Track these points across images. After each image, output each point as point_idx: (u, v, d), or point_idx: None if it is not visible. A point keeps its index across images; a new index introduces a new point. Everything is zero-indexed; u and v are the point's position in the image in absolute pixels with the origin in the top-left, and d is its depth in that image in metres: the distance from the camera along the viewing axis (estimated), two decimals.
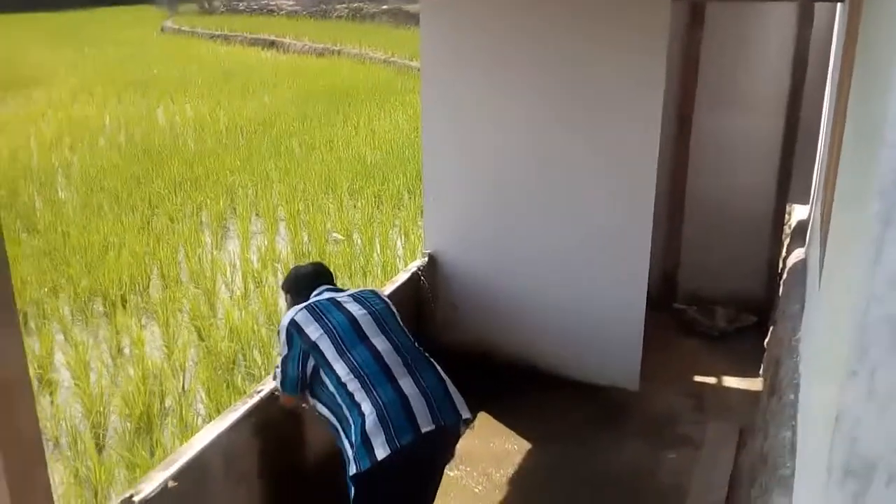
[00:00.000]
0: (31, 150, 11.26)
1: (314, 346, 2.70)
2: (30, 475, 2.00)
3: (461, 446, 3.87)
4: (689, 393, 4.48)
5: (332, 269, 3.25)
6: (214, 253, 7.57)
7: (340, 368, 2.64)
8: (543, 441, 4.02)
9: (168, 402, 5.01)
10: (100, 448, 4.57)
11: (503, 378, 4.43)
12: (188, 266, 7.18)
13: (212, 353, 5.47)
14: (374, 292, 3.01)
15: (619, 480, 3.71)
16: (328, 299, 2.87)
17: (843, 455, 1.32)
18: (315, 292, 2.98)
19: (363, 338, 2.72)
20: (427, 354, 2.80)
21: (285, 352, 2.80)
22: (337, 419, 2.65)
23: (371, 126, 12.75)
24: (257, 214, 8.80)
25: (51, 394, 5.09)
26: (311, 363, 2.73)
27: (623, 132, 4.08)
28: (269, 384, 3.19)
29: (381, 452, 2.46)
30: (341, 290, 3.01)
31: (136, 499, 2.42)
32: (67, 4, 37.72)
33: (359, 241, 7.78)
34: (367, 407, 2.53)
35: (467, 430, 2.86)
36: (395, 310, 2.92)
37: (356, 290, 3.00)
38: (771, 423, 3.12)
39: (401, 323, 2.87)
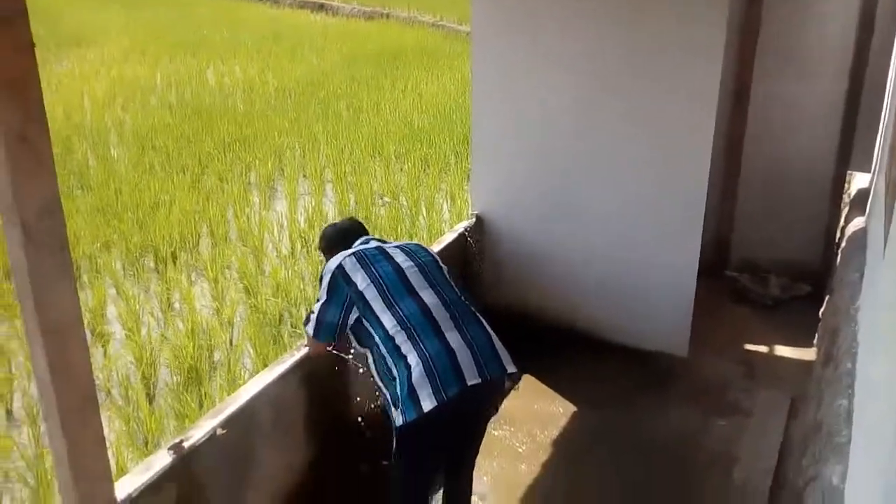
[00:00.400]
0: (84, 109, 11.42)
1: (360, 296, 2.67)
2: (83, 414, 2.03)
3: (505, 406, 3.89)
4: (739, 361, 4.39)
5: (378, 233, 3.23)
6: (262, 213, 7.62)
7: (388, 320, 2.61)
8: (589, 405, 3.98)
9: (216, 356, 5.09)
10: (150, 399, 4.67)
11: (549, 340, 4.38)
12: (237, 225, 7.25)
13: (259, 310, 5.53)
14: (420, 246, 2.98)
15: (666, 447, 3.66)
16: (376, 248, 2.84)
17: None
18: (360, 240, 2.95)
19: (410, 290, 2.68)
20: (474, 309, 2.76)
21: (324, 298, 2.75)
22: (383, 371, 2.64)
23: (418, 90, 12.66)
24: (304, 176, 8.84)
25: (103, 345, 5.20)
26: (354, 313, 2.70)
27: (678, 97, 3.96)
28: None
29: (427, 404, 2.44)
30: (386, 241, 2.98)
31: (185, 444, 2.45)
32: None
33: (405, 203, 7.76)
34: (413, 359, 2.52)
35: (512, 389, 2.84)
36: (442, 264, 2.89)
37: (403, 243, 2.97)
38: (826, 392, 3.04)
39: (448, 277, 2.83)
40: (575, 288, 4.46)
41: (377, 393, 2.71)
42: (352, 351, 2.91)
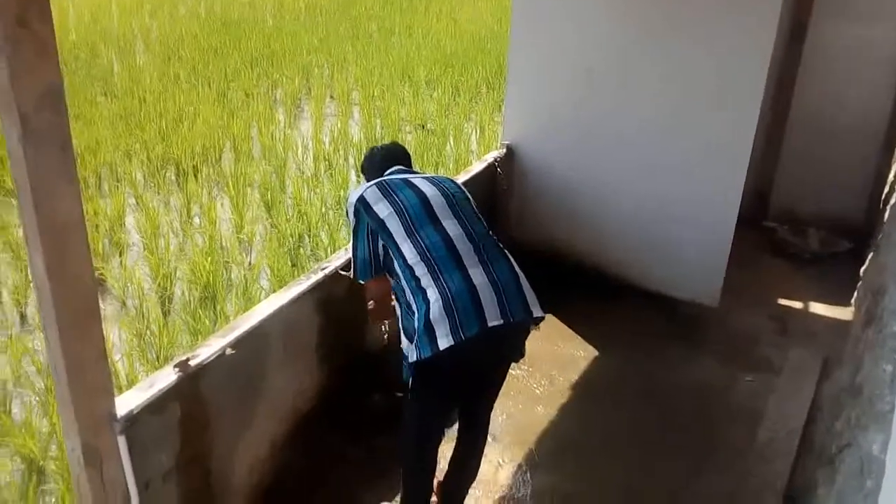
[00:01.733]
0: (111, 14, 11.20)
1: (382, 225, 2.51)
2: (83, 324, 1.91)
3: (527, 350, 3.76)
4: (772, 315, 4.22)
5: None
6: (287, 131, 7.45)
7: (408, 250, 2.44)
8: (611, 349, 3.85)
9: (233, 274, 4.99)
10: (165, 313, 4.60)
11: (574, 281, 4.23)
12: (261, 142, 7.09)
13: (279, 231, 5.41)
14: (450, 179, 2.79)
15: (689, 396, 3.53)
16: (400, 178, 2.67)
17: None
18: (388, 171, 2.78)
19: (434, 219, 2.50)
20: (501, 245, 2.58)
21: (353, 233, 2.62)
22: (401, 302, 2.50)
23: (453, 14, 12.28)
24: (331, 97, 8.62)
25: (120, 254, 5.12)
26: (381, 243, 2.55)
27: (732, 33, 3.69)
28: (334, 261, 3.08)
29: (443, 342, 2.29)
30: (416, 172, 2.80)
31: (192, 362, 2.34)
32: None
33: (431, 129, 7.54)
34: (432, 293, 2.35)
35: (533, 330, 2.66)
36: (470, 197, 2.70)
37: (432, 175, 2.79)
38: (867, 355, 2.87)
39: (476, 210, 2.65)
40: (605, 229, 4.28)
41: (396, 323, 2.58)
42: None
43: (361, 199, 2.58)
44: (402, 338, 2.52)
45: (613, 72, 4.06)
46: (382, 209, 2.53)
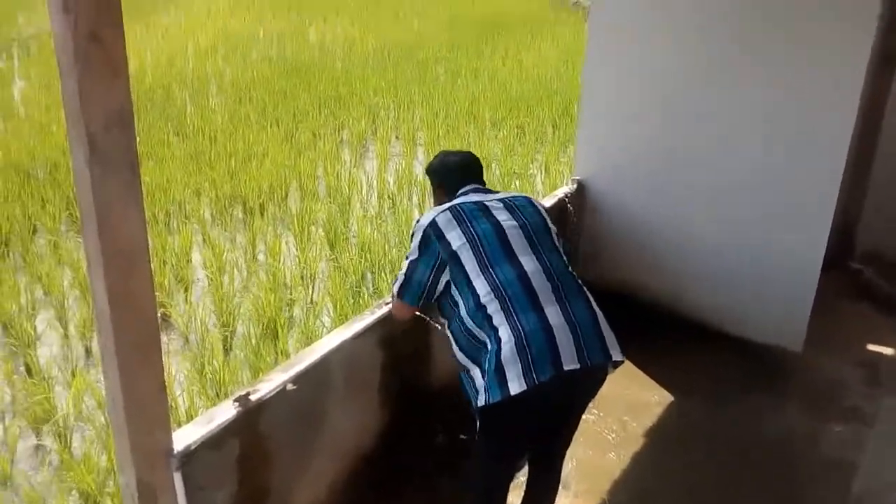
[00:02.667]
0: (187, 58, 11.55)
1: (453, 256, 2.36)
2: (143, 353, 1.85)
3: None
4: (860, 362, 3.95)
5: None
6: (352, 171, 7.47)
7: (481, 286, 2.29)
8: (687, 395, 3.64)
9: (296, 311, 4.96)
10: (227, 349, 4.58)
11: (646, 323, 4.03)
12: (326, 181, 7.12)
13: (341, 268, 5.37)
14: (528, 199, 2.60)
15: (773, 447, 3.30)
16: (475, 203, 2.50)
17: None
18: (461, 191, 2.64)
19: (510, 254, 2.34)
20: (580, 281, 2.42)
21: (415, 255, 2.47)
22: (467, 344, 2.34)
23: (519, 57, 12.29)
24: (397, 137, 8.65)
25: (185, 290, 5.14)
26: (444, 276, 2.40)
27: (819, 69, 3.51)
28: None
29: (514, 386, 2.13)
30: (491, 192, 2.66)
31: (252, 397, 2.26)
32: None
33: (497, 171, 7.47)
34: (504, 333, 2.20)
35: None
36: (550, 223, 2.53)
37: (508, 194, 2.60)
38: None
39: (555, 240, 2.49)
40: (682, 269, 4.10)
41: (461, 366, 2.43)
42: (439, 322, 2.64)
43: (433, 225, 2.44)
44: (464, 379, 2.39)
45: (691, 108, 3.92)
46: (455, 239, 2.38)
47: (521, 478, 2.69)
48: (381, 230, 6.03)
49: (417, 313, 2.68)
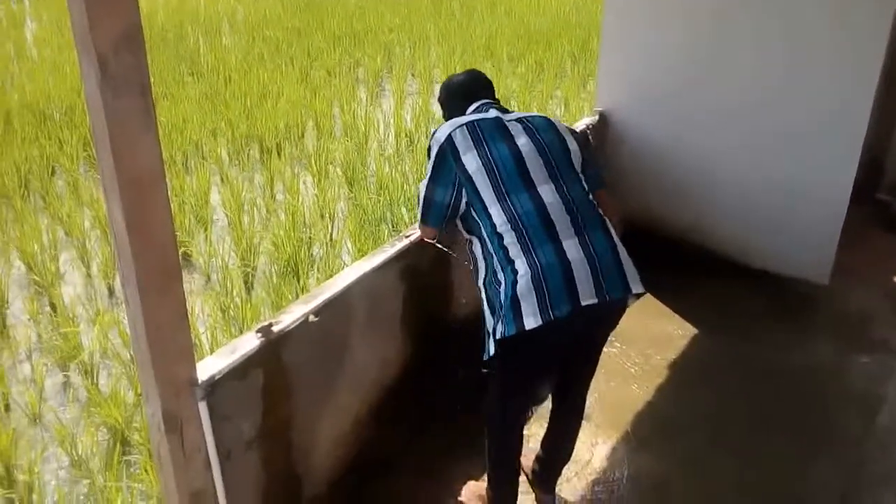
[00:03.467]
0: None
1: (469, 180, 2.27)
2: (163, 281, 1.82)
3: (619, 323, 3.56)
4: (888, 294, 3.89)
5: None
6: (369, 109, 7.38)
7: (497, 215, 2.22)
8: (712, 329, 3.61)
9: (315, 249, 4.94)
10: (248, 287, 4.58)
11: (671, 256, 3.97)
12: (342, 120, 7.04)
13: (360, 207, 5.34)
14: (548, 121, 2.42)
15: (798, 380, 3.27)
16: (494, 119, 2.37)
17: None
18: (478, 103, 2.51)
19: (529, 184, 2.24)
20: (601, 211, 2.31)
21: (431, 174, 2.36)
22: (489, 270, 2.27)
23: None
24: (413, 75, 8.52)
25: (205, 230, 5.13)
26: (464, 197, 2.30)
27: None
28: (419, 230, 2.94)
29: (530, 321, 2.07)
30: (507, 111, 2.49)
31: (274, 328, 2.25)
32: None
33: (515, 108, 7.34)
34: (521, 265, 2.13)
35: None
36: (571, 145, 2.38)
37: (527, 114, 2.43)
38: None
39: (576, 166, 2.34)
40: (706, 201, 4.02)
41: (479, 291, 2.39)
42: (459, 253, 2.58)
43: (450, 141, 2.32)
44: (485, 308, 2.32)
45: (715, 33, 3.79)
46: (471, 161, 2.28)
47: (546, 408, 2.69)
48: (398, 168, 5.97)
49: (436, 244, 2.64)
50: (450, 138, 2.33)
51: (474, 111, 2.49)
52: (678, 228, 4.12)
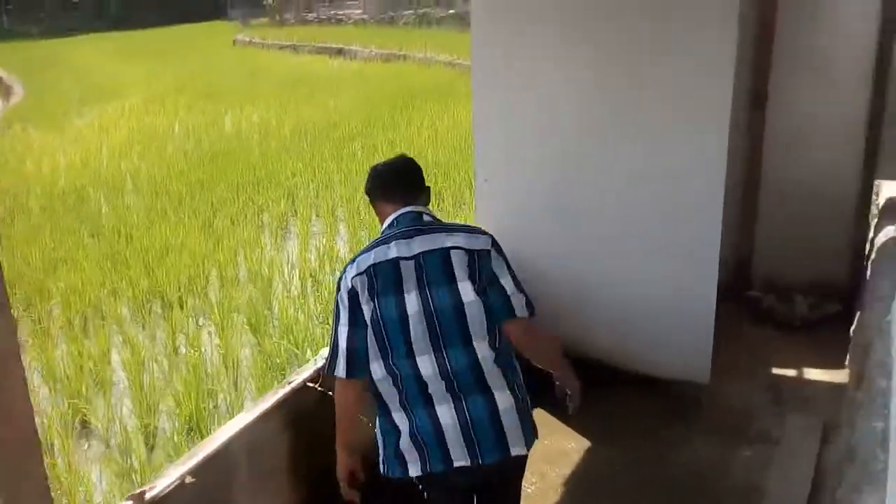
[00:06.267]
0: (101, 158, 11.51)
1: (365, 327, 2.33)
2: (21, 463, 1.83)
3: None
4: (765, 386, 4.09)
5: None
6: (273, 253, 7.49)
7: (378, 369, 2.30)
8: (604, 439, 3.71)
9: (219, 399, 4.91)
10: (150, 448, 4.49)
11: None
12: (247, 266, 7.12)
13: (265, 352, 5.35)
14: (443, 262, 2.31)
15: (690, 480, 3.38)
16: (392, 263, 2.33)
17: None
18: (392, 215, 2.47)
19: (409, 353, 2.27)
20: (497, 372, 2.30)
21: (344, 318, 2.32)
22: (378, 406, 2.38)
23: (434, 126, 12.59)
24: (317, 215, 8.72)
25: (104, 393, 5.04)
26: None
27: (689, 106, 3.73)
28: (302, 374, 3.00)
29: (413, 470, 2.26)
30: (419, 226, 2.43)
31: (147, 495, 2.24)
32: (145, 23, 39.28)
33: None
34: (400, 421, 2.29)
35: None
36: (465, 294, 2.30)
37: (426, 249, 2.33)
38: (859, 415, 2.76)
39: (469, 321, 2.29)
40: (587, 314, 4.21)
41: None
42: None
43: (352, 291, 2.32)
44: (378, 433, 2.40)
45: (579, 156, 4.06)
46: (366, 310, 2.31)
47: None
48: (303, 310, 6.04)
49: (317, 387, 2.71)
50: (353, 289, 2.34)
51: (388, 227, 2.46)
52: (567, 344, 4.25)
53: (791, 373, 4.22)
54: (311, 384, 2.92)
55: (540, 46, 4.05)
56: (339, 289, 2.39)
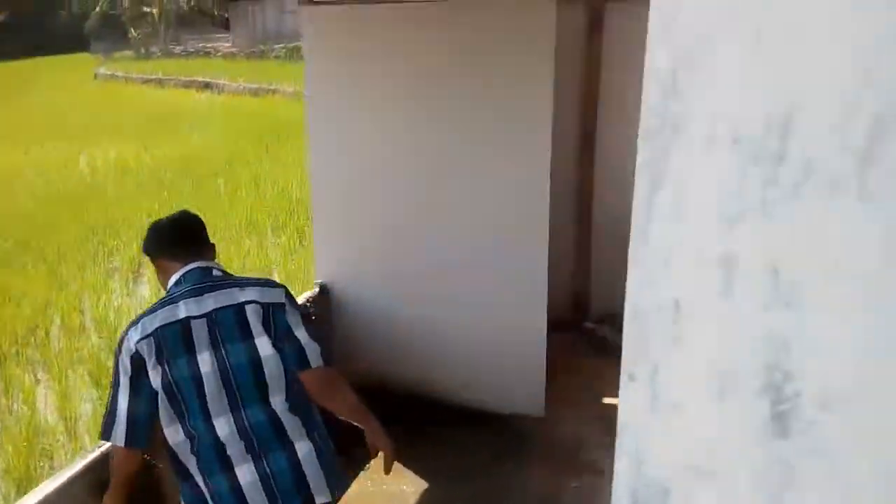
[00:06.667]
0: None
1: (149, 395, 2.24)
2: None
3: (352, 490, 3.61)
4: (597, 416, 4.25)
5: None
6: (122, 299, 7.21)
7: (173, 434, 2.24)
8: (441, 478, 3.76)
9: (56, 459, 4.65)
10: None
11: (399, 412, 4.09)
12: (93, 313, 6.81)
13: (105, 406, 5.12)
14: (236, 315, 2.28)
15: None
16: (180, 324, 2.26)
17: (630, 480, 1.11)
18: (178, 273, 2.36)
19: (206, 415, 2.22)
20: (295, 422, 2.29)
21: (125, 383, 2.21)
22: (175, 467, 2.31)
23: (300, 163, 12.50)
24: None
25: None
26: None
27: (512, 149, 3.91)
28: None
29: None
30: (208, 282, 2.34)
31: None
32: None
33: (277, 277, 7.48)
34: (200, 483, 2.23)
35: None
36: (262, 349, 2.27)
37: (218, 306, 2.28)
38: None
39: (268, 377, 2.27)
40: (426, 353, 4.28)
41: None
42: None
43: (138, 356, 2.20)
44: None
45: (411, 199, 4.18)
46: (154, 377, 2.21)
47: None
48: None
49: (154, 461, 2.61)
50: (137, 353, 2.23)
51: (174, 285, 2.36)
52: (409, 384, 4.32)
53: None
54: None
55: (368, 109, 4.18)
56: (119, 351, 2.26)
